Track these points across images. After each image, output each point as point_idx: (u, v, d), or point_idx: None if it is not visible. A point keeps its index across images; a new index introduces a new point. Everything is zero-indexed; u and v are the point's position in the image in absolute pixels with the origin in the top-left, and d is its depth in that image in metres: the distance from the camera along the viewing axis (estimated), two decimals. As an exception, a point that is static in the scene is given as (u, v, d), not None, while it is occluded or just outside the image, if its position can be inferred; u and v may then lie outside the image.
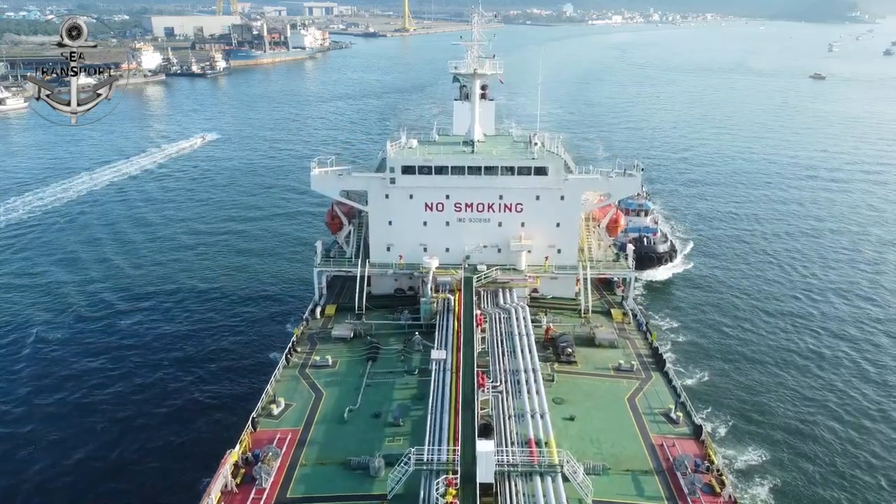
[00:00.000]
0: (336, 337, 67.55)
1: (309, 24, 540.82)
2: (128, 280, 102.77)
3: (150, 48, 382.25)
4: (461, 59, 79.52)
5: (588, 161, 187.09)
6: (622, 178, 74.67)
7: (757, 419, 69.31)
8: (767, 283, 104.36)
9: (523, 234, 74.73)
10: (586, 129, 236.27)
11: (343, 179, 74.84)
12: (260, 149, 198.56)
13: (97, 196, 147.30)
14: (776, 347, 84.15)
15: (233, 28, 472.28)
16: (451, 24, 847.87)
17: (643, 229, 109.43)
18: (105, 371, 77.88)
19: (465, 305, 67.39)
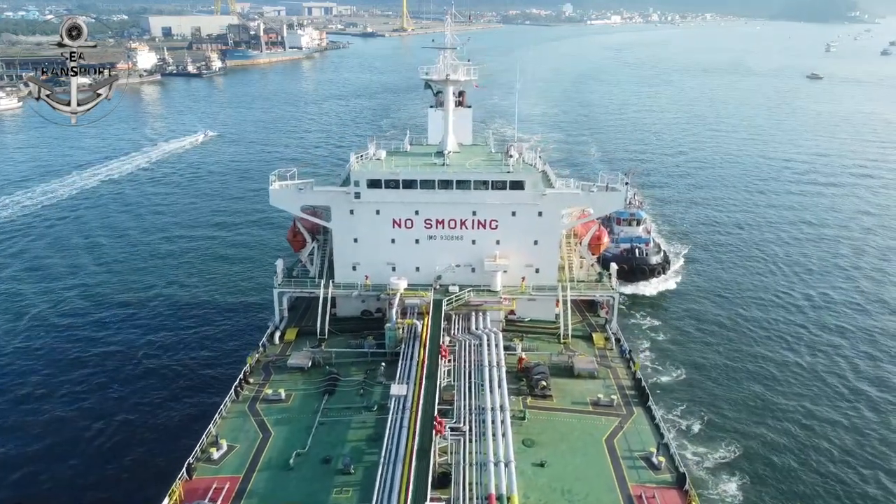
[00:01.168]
0: (292, 366, 61.62)
1: (306, 25, 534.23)
2: (87, 291, 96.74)
3: (146, 48, 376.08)
4: (433, 65, 73.47)
5: (580, 162, 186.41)
6: (605, 192, 68.60)
7: (752, 462, 62.59)
8: (765, 295, 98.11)
9: (498, 252, 68.80)
10: (581, 129, 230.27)
11: (304, 194, 68.83)
12: (251, 149, 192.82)
13: (77, 198, 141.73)
14: (775, 373, 77.03)
15: (230, 28, 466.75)
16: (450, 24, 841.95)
17: (635, 240, 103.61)
18: (35, 387, 72.28)
19: (432, 332, 61.53)
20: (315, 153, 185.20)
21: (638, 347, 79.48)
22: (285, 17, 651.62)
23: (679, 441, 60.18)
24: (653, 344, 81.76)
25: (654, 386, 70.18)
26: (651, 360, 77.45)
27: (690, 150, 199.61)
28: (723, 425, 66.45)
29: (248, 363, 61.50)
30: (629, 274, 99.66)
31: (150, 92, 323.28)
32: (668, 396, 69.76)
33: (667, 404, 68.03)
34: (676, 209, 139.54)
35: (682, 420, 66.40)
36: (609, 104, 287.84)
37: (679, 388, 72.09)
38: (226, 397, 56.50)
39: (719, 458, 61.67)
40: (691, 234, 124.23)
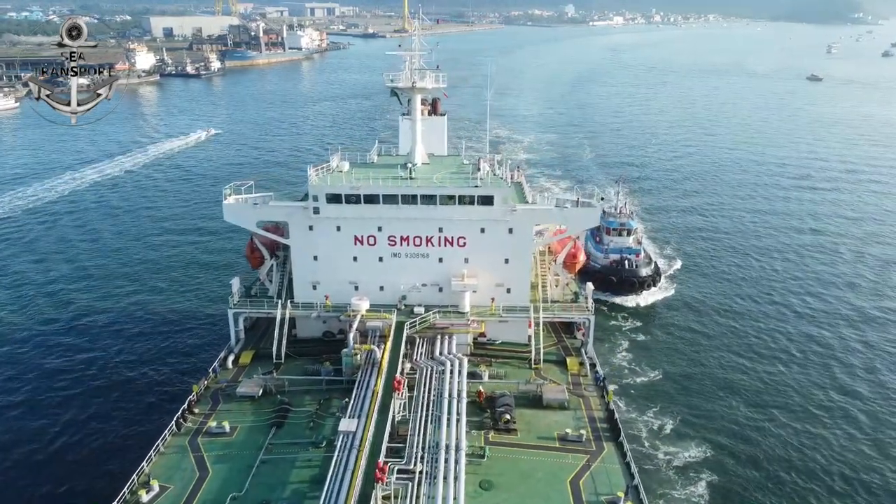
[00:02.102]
0: (241, 395, 57.13)
1: (306, 25, 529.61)
2: (41, 303, 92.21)
3: (145, 49, 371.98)
4: (399, 72, 68.72)
5: (573, 164, 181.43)
6: (578, 209, 63.83)
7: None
8: (762, 310, 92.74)
9: (466, 271, 64.16)
10: (576, 131, 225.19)
11: (260, 209, 64.27)
12: (242, 151, 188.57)
13: (61, 201, 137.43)
14: (771, 401, 71.13)
15: (230, 29, 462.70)
16: (452, 24, 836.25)
17: (625, 250, 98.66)
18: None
19: (391, 359, 57.05)
20: (306, 156, 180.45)
21: (619, 369, 74.83)
22: (288, 17, 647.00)
23: (651, 482, 55.24)
24: (634, 363, 76.67)
25: (629, 417, 65.61)
26: (630, 383, 72.49)
27: (687, 153, 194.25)
28: (705, 462, 60.98)
29: (194, 391, 56.99)
30: (617, 286, 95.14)
31: (148, 92, 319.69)
32: (644, 427, 64.72)
33: (643, 437, 63.24)
34: (670, 217, 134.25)
35: (658, 455, 61.14)
36: (606, 106, 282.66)
37: (658, 418, 66.60)
38: (165, 430, 52.13)
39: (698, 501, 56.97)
40: (685, 243, 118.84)
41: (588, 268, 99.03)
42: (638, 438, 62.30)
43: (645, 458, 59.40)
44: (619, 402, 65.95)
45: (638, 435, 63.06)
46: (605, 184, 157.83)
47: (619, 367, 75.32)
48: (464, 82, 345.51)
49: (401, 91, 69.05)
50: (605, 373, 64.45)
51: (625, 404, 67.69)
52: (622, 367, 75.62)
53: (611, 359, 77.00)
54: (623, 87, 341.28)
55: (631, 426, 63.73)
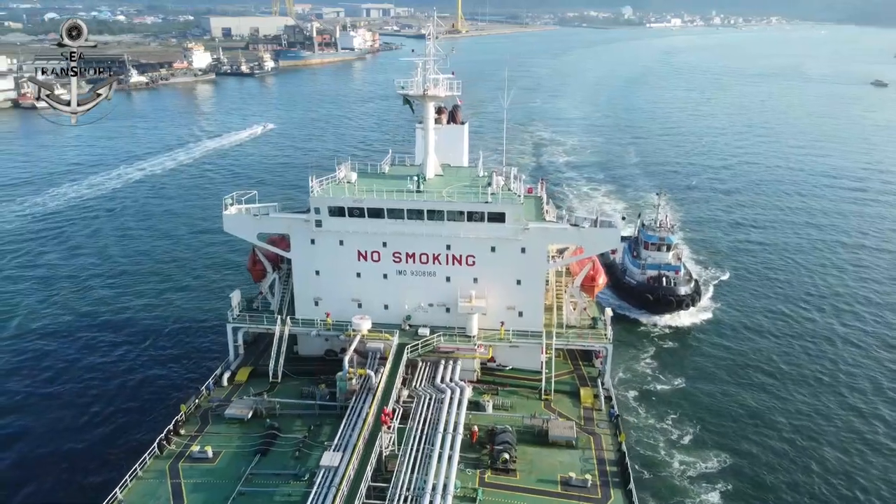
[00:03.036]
0: (230, 417, 53.94)
1: (359, 26, 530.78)
2: (47, 301, 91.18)
3: (202, 48, 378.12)
4: (410, 79, 64.50)
5: (617, 168, 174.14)
6: (597, 229, 58.49)
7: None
8: (811, 337, 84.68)
9: (475, 292, 59.56)
10: (622, 134, 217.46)
11: (261, 221, 60.98)
12: (287, 150, 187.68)
13: (108, 196, 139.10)
14: (815, 442, 63.68)
15: (286, 29, 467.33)
16: (506, 26, 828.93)
17: (663, 267, 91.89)
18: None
19: (387, 385, 53.06)
20: (349, 152, 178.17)
21: (642, 399, 68.53)
22: (344, 18, 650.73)
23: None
24: (661, 393, 70.38)
25: (645, 457, 59.61)
26: (652, 416, 66.13)
27: (737, 161, 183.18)
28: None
29: (182, 411, 54.00)
30: (654, 305, 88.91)
31: (204, 90, 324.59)
32: (661, 473, 58.37)
33: (657, 485, 56.85)
34: (716, 230, 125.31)
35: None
36: (655, 109, 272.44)
37: (680, 462, 60.12)
38: (146, 452, 49.23)
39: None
40: (731, 259, 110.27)
41: (623, 284, 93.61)
42: (652, 485, 56.22)
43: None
44: (635, 439, 60.52)
45: (652, 482, 56.88)
46: (647, 189, 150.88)
47: (642, 398, 69.12)
48: (512, 84, 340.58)
49: (412, 99, 64.95)
50: (624, 405, 59.35)
51: (642, 443, 61.60)
52: (646, 397, 69.40)
53: (634, 387, 71.05)
54: (675, 91, 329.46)
55: (645, 470, 57.78)
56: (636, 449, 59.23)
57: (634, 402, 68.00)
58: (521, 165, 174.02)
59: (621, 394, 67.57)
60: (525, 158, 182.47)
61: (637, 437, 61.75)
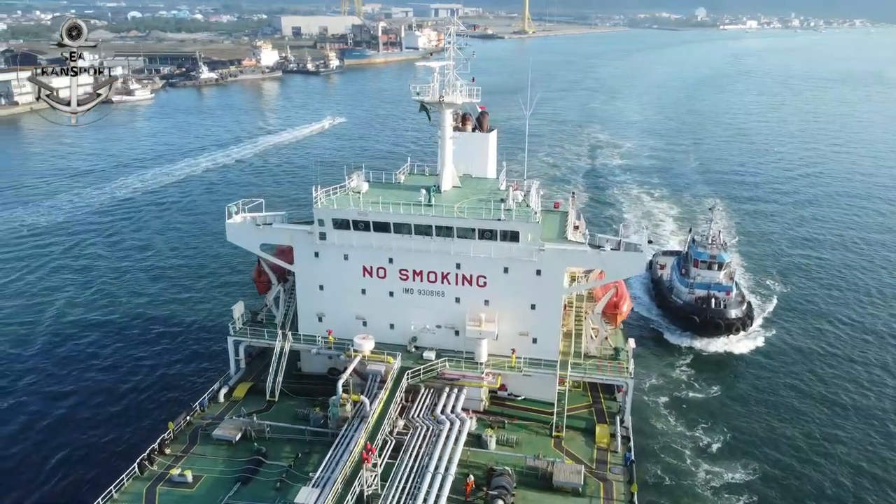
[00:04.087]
0: (218, 438, 50.77)
1: (425, 26, 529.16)
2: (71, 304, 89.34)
3: (269, 46, 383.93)
4: (425, 84, 59.90)
5: (674, 173, 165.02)
6: (620, 252, 52.62)
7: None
8: (878, 369, 75.84)
9: (485, 315, 54.61)
10: (683, 138, 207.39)
11: (263, 231, 57.64)
12: (342, 148, 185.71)
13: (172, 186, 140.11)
14: None
15: (352, 28, 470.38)
16: (573, 26, 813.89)
17: (713, 287, 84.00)
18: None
19: (382, 413, 48.86)
20: (397, 156, 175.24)
21: (671, 437, 61.33)
22: (411, 18, 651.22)
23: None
24: (694, 431, 62.92)
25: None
26: (679, 456, 59.02)
27: (807, 171, 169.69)
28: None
29: (169, 428, 51.09)
30: (700, 328, 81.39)
31: (270, 87, 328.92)
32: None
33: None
34: (777, 248, 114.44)
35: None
36: (720, 114, 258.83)
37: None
38: (123, 473, 46.40)
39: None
40: (792, 281, 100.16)
41: (669, 303, 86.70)
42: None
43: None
44: (651, 487, 54.17)
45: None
46: (705, 195, 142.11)
47: (671, 435, 61.86)
48: (575, 85, 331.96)
49: (429, 105, 60.37)
50: (643, 446, 53.22)
51: (661, 490, 54.83)
52: (675, 434, 62.15)
53: (665, 421, 63.88)
54: (743, 95, 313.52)
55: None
56: (651, 498, 53.02)
57: (654, 444, 61.40)
58: (575, 168, 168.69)
59: (644, 428, 61.11)
60: (580, 160, 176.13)
61: (651, 483, 55.54)
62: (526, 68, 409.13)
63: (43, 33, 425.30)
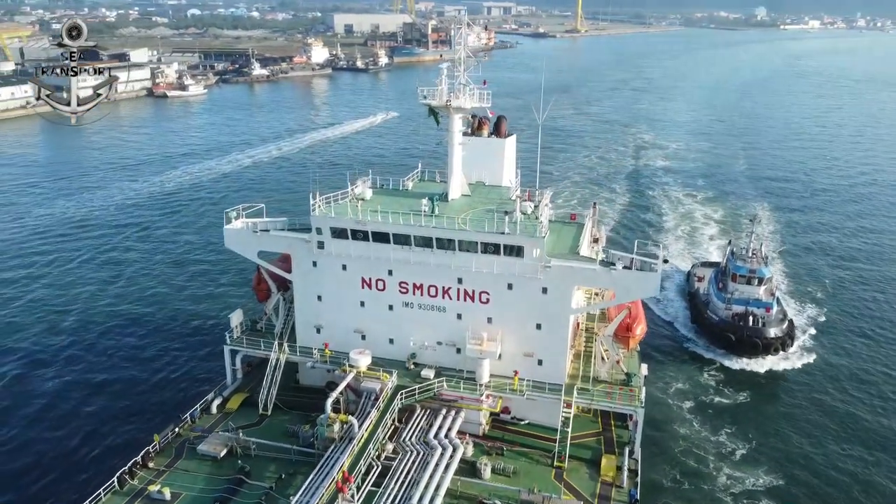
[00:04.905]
0: (203, 453, 48.47)
1: (474, 24, 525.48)
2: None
3: (320, 44, 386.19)
4: (433, 87, 56.39)
5: (721, 176, 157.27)
6: (632, 272, 48.07)
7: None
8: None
9: (486, 334, 50.92)
10: (733, 140, 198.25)
11: (261, 238, 55.07)
12: (386, 146, 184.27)
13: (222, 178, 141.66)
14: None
15: (403, 26, 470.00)
16: (627, 26, 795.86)
17: (752, 303, 78.06)
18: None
19: (369, 435, 45.74)
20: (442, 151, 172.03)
21: (688, 474, 55.64)
22: (463, 16, 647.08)
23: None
24: (718, 466, 57.19)
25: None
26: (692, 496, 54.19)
27: (863, 181, 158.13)
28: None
29: (155, 440, 49.03)
30: (736, 347, 75.60)
31: (320, 83, 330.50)
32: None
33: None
34: (828, 261, 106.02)
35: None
36: (775, 116, 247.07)
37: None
38: (102, 488, 44.45)
39: None
40: (843, 297, 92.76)
41: (704, 319, 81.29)
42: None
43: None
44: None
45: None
46: (751, 199, 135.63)
47: (688, 471, 56.27)
48: (623, 84, 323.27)
49: (437, 110, 56.87)
50: (654, 482, 48.73)
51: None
52: (694, 468, 56.79)
53: (684, 450, 58.57)
54: (800, 97, 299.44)
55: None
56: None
57: (668, 480, 56.07)
58: (618, 168, 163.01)
59: (657, 460, 56.09)
60: (624, 160, 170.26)
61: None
62: (576, 66, 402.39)
63: (106, 30, 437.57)
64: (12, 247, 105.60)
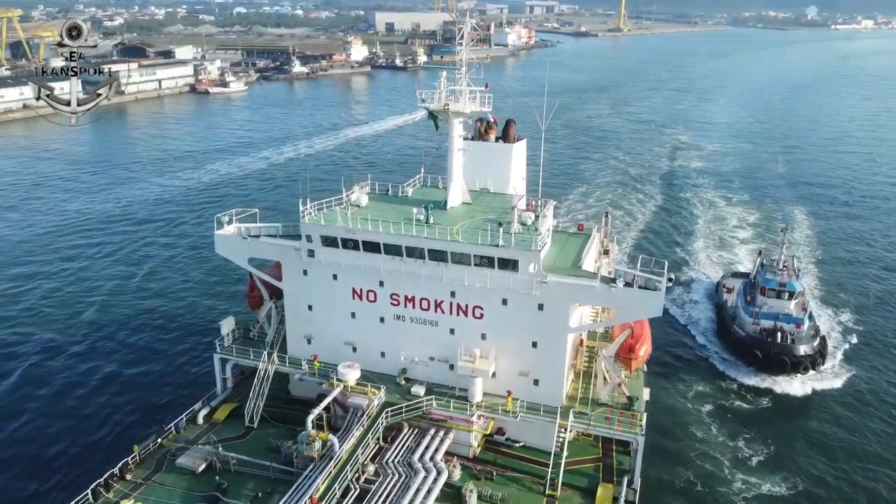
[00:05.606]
0: (181, 467, 46.48)
1: (515, 23, 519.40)
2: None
3: (360, 42, 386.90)
4: (433, 91, 53.27)
5: (759, 179, 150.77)
6: (633, 290, 44.13)
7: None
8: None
9: (479, 351, 47.79)
10: (774, 143, 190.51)
11: (251, 244, 52.81)
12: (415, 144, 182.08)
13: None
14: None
15: (444, 25, 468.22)
16: (672, 25, 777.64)
17: (781, 318, 72.97)
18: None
19: (350, 456, 43.10)
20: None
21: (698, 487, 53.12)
22: (503, 15, 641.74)
23: None
24: (730, 500, 53.37)
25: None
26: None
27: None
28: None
29: (135, 451, 47.19)
30: (763, 364, 70.62)
31: (358, 81, 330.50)
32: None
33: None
34: (869, 274, 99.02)
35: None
36: (821, 117, 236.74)
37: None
38: (73, 500, 42.72)
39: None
40: (882, 314, 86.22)
41: (730, 333, 76.53)
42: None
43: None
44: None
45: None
46: (788, 202, 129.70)
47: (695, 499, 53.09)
48: (663, 84, 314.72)
49: (436, 114, 53.77)
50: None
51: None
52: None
53: (691, 481, 54.17)
54: (848, 99, 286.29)
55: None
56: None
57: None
58: (651, 169, 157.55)
59: (660, 489, 52.25)
60: (659, 161, 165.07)
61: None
62: (616, 66, 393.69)
63: (155, 27, 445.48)
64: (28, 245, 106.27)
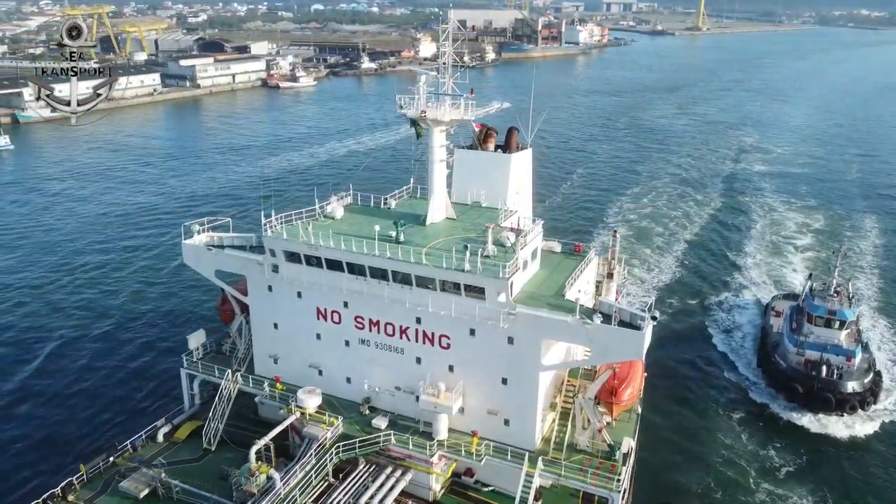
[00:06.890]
0: (124, 491, 43.20)
1: (588, 21, 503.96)
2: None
3: (429, 39, 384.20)
4: (412, 96, 47.89)
5: (827, 184, 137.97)
6: (612, 328, 37.81)
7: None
8: None
9: (444, 385, 42.51)
10: (848, 148, 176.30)
11: (217, 256, 48.99)
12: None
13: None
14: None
15: (515, 22, 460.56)
16: (755, 24, 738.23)
17: (829, 349, 64.49)
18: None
19: (289, 494, 38.71)
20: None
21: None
22: (577, 12, 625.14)
23: None
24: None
25: None
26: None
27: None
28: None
29: (81, 471, 44.09)
30: (805, 400, 62.54)
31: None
32: None
33: None
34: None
35: None
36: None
37: None
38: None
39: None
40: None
41: (772, 363, 68.08)
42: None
43: None
44: None
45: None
46: (859, 211, 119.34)
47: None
48: (737, 85, 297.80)
49: (417, 121, 48.44)
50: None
51: None
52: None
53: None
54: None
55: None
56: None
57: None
58: (715, 171, 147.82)
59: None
60: (721, 165, 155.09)
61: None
62: (690, 65, 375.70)
63: (235, 24, 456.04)
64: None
